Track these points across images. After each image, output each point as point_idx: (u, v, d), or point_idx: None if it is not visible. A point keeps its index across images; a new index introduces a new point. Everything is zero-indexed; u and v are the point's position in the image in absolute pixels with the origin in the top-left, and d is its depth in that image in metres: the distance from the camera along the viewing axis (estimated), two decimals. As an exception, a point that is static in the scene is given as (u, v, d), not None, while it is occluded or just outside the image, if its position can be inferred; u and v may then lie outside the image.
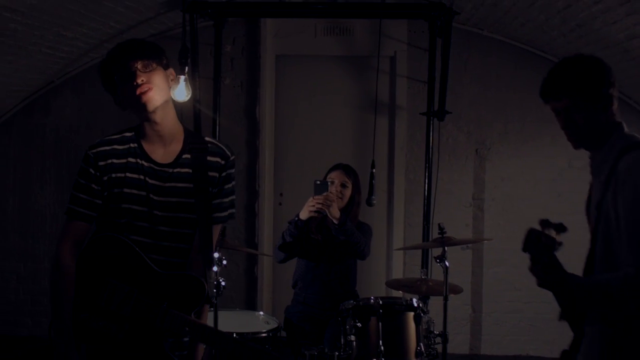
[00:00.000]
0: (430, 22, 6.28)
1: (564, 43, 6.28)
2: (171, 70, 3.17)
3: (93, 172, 3.09)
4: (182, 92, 3.16)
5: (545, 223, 3.19)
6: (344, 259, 5.29)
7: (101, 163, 3.09)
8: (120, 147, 3.13)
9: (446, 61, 6.31)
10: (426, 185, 6.51)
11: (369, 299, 4.53)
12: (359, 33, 7.13)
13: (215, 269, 4.46)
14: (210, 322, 4.54)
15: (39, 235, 7.30)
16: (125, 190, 3.08)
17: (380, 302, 4.44)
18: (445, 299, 4.67)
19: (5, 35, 5.46)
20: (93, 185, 3.09)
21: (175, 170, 3.13)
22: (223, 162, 3.22)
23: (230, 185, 3.29)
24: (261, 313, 5.29)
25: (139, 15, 6.21)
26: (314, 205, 5.02)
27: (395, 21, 6.88)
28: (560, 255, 6.61)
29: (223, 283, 4.51)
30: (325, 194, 5.01)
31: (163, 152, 3.15)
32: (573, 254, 6.77)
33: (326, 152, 7.03)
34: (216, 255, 4.48)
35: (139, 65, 3.01)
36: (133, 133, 3.18)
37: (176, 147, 3.17)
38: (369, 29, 7.09)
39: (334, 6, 6.51)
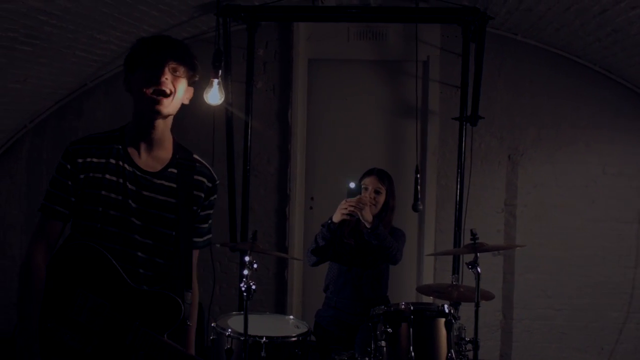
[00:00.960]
0: (464, 26, 6.24)
1: (599, 48, 6.22)
2: (191, 90, 3.08)
3: (70, 168, 2.97)
4: (215, 95, 3.14)
5: None
6: (376, 263, 5.27)
7: (79, 160, 2.97)
8: (103, 146, 3.01)
9: (480, 66, 6.28)
10: (458, 191, 6.47)
11: (400, 304, 4.50)
12: (391, 37, 7.11)
13: (246, 272, 4.47)
14: (239, 325, 4.56)
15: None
16: (103, 192, 2.95)
17: (412, 308, 4.42)
18: (477, 306, 4.62)
19: (40, 38, 5.49)
20: (69, 182, 2.97)
21: (159, 181, 3.03)
22: (210, 185, 3.16)
23: (211, 211, 3.24)
24: (291, 317, 5.28)
25: (173, 19, 6.22)
26: (346, 208, 5.01)
27: (428, 26, 6.86)
28: (597, 263, 6.55)
29: (253, 287, 4.50)
30: (358, 197, 4.99)
31: (147, 158, 3.04)
32: (607, 261, 6.77)
33: (358, 157, 7.01)
34: (247, 259, 4.49)
35: (172, 64, 2.93)
36: (119, 133, 3.08)
37: (162, 156, 3.07)
38: (401, 34, 7.06)
39: (367, 10, 6.50)
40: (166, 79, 2.90)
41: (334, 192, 6.42)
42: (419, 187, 5.45)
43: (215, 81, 3.13)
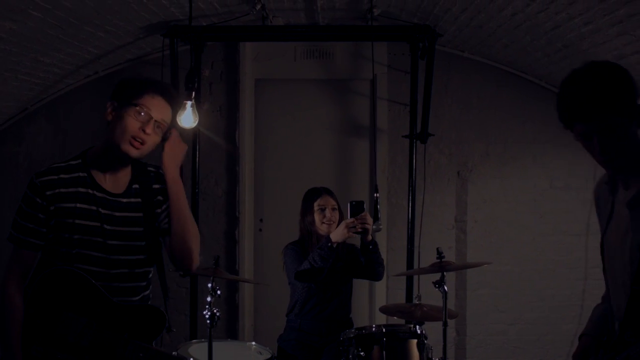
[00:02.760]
0: (413, 44, 6.26)
1: (547, 64, 6.29)
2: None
3: (40, 201, 3.05)
4: (189, 118, 3.09)
5: None
6: (349, 285, 5.26)
7: (48, 192, 3.05)
8: (67, 176, 3.10)
9: (429, 83, 6.28)
10: (410, 209, 6.46)
11: (371, 327, 4.45)
12: (338, 56, 7.07)
13: (209, 298, 4.37)
14: (202, 354, 4.44)
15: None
16: (77, 221, 3.05)
17: (384, 330, 4.36)
18: (445, 325, 4.60)
19: (-18, 62, 5.34)
20: (39, 215, 3.06)
21: (127, 200, 3.16)
22: (165, 187, 3.28)
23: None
24: (253, 343, 5.14)
25: (118, 40, 6.09)
26: (355, 227, 4.86)
27: (375, 44, 6.81)
28: (547, 277, 6.60)
29: (218, 313, 4.40)
30: (363, 214, 4.89)
31: (113, 181, 3.16)
32: (557, 274, 6.82)
33: (307, 177, 6.92)
34: (210, 285, 4.39)
35: (161, 117, 3.07)
36: (80, 161, 3.16)
37: (124, 176, 3.20)
38: (348, 52, 7.04)
39: (315, 29, 6.45)
40: (148, 134, 3.04)
41: (283, 213, 6.38)
42: (378, 206, 5.42)
43: (189, 103, 3.06)
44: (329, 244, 4.88)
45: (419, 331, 4.42)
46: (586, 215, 7.00)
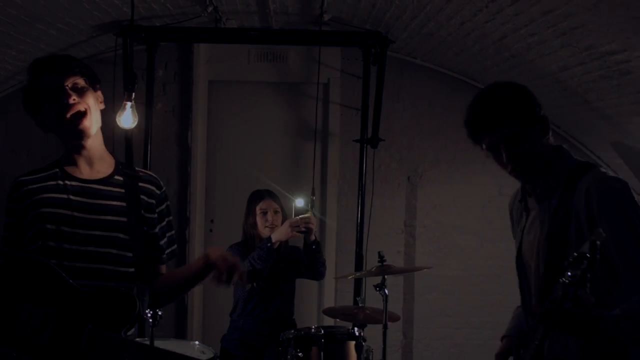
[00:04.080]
0: (365, 50, 6.32)
1: (496, 73, 6.36)
2: (99, 94, 3.02)
3: (13, 206, 2.94)
4: (128, 118, 3.07)
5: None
6: (291, 285, 5.32)
7: (15, 195, 2.93)
8: (39, 175, 2.97)
9: (380, 89, 6.35)
10: (359, 212, 6.52)
11: (310, 328, 4.51)
12: (292, 60, 7.12)
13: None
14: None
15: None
16: (43, 209, 2.87)
17: (322, 332, 4.42)
18: (385, 327, 4.66)
19: None
20: (17, 221, 2.92)
21: (106, 188, 2.96)
22: (158, 192, 3.11)
23: (167, 220, 3.18)
24: (197, 343, 5.18)
25: (71, 38, 6.08)
26: (299, 226, 4.97)
27: (329, 49, 6.86)
28: (494, 282, 6.69)
29: (160, 312, 4.43)
30: (307, 214, 5.00)
31: (89, 171, 2.97)
32: (504, 280, 6.89)
33: (259, 179, 6.95)
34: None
35: (69, 83, 2.86)
36: (55, 162, 3.03)
37: (104, 166, 3.01)
38: (302, 56, 7.08)
39: (269, 33, 6.49)
40: (74, 99, 2.84)
41: (234, 214, 6.36)
42: (313, 209, 5.48)
43: (129, 104, 3.06)
44: (269, 245, 4.97)
45: (357, 333, 4.47)
46: (533, 222, 7.09)
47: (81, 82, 2.90)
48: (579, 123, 6.72)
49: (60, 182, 2.92)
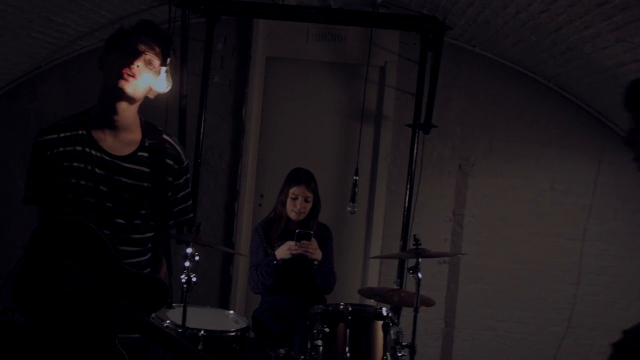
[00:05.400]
0: (422, 35, 6.30)
1: (553, 65, 6.29)
2: (160, 78, 3.14)
3: (41, 161, 3.05)
4: (162, 83, 3.12)
5: None
6: (308, 275, 5.41)
7: (47, 152, 3.03)
8: (67, 134, 3.05)
9: (435, 75, 6.32)
10: (407, 197, 6.51)
11: (338, 304, 4.51)
12: (350, 41, 7.12)
13: (187, 264, 4.45)
14: (179, 317, 4.52)
15: (17, 220, 7.24)
16: (72, 180, 2.99)
17: (350, 309, 4.42)
18: (416, 311, 4.62)
19: (-6, 16, 5.44)
20: (43, 173, 3.05)
21: (129, 165, 3.05)
22: (176, 167, 3.19)
23: (183, 192, 3.28)
24: (231, 312, 5.24)
25: (132, 7, 6.18)
26: (296, 250, 5.14)
27: (387, 32, 6.86)
28: (540, 277, 6.61)
29: (194, 279, 4.48)
30: (306, 242, 5.14)
31: (113, 142, 3.07)
32: (550, 276, 6.82)
33: (309, 157, 7.02)
34: (189, 250, 4.47)
35: (149, 54, 3.02)
36: (83, 117, 3.10)
37: (130, 139, 3.10)
38: (360, 37, 7.07)
39: (327, 12, 6.50)
40: (138, 66, 2.99)
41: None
42: (356, 189, 5.50)
43: (163, 69, 3.12)
44: (274, 262, 5.20)
45: (384, 313, 4.47)
46: (584, 220, 7.01)
47: (156, 63, 3.08)
48: (638, 123, 6.58)
49: (87, 150, 3.03)
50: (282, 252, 5.18)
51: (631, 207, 6.99)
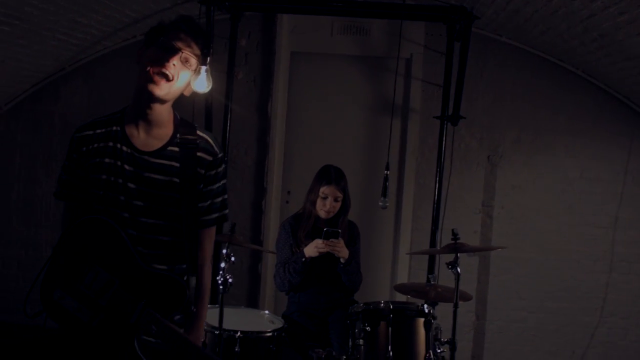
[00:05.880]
0: (449, 25, 6.24)
1: (583, 53, 6.21)
2: (198, 79, 3.12)
3: (76, 156, 3.02)
4: (202, 83, 3.06)
5: None
6: (334, 273, 5.38)
7: (84, 148, 3.00)
8: (103, 130, 3.02)
9: (463, 66, 6.26)
10: (436, 190, 6.47)
11: (379, 302, 4.47)
12: (375, 33, 7.06)
13: (223, 264, 4.43)
14: (214, 319, 4.49)
15: (42, 223, 7.22)
16: (104, 176, 2.96)
17: (391, 307, 4.39)
18: (456, 307, 4.58)
19: (20, 19, 5.39)
20: (78, 170, 3.01)
21: (158, 160, 2.99)
22: (210, 159, 3.09)
23: (218, 185, 3.15)
24: (266, 312, 5.23)
25: (156, 5, 6.14)
26: (323, 248, 5.14)
27: (412, 23, 6.79)
28: (571, 267, 6.56)
29: (230, 280, 4.47)
30: (334, 240, 5.13)
31: (145, 137, 3.01)
32: (582, 265, 6.78)
33: (336, 152, 6.98)
34: (224, 251, 4.45)
35: (186, 52, 2.96)
36: (119, 114, 3.07)
37: (162, 134, 3.03)
38: (385, 30, 7.01)
39: (353, 5, 6.43)
40: (174, 65, 2.92)
41: (311, 187, 6.37)
42: (387, 183, 5.45)
43: (204, 68, 3.06)
44: (303, 260, 5.19)
45: (426, 310, 4.43)
46: (615, 208, 6.95)
47: (193, 61, 3.01)
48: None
49: (118, 146, 2.98)
50: (310, 250, 5.17)
51: (663, 193, 6.94)
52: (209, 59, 3.14)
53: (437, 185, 6.47)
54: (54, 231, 7.10)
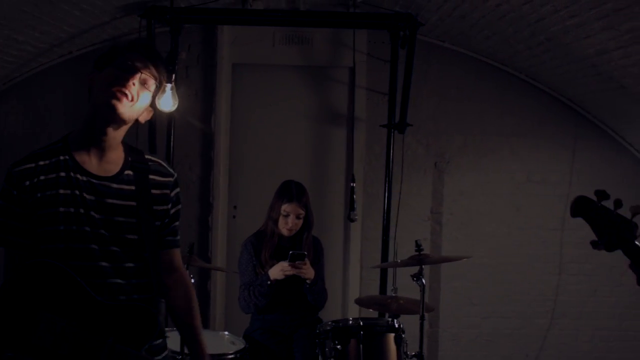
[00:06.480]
0: (394, 33, 6.17)
1: (528, 56, 6.25)
2: (151, 111, 3.00)
3: (16, 193, 2.72)
4: (168, 101, 2.94)
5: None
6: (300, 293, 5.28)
7: (27, 182, 2.73)
8: (48, 161, 2.77)
9: (409, 73, 6.21)
10: (385, 199, 6.41)
11: (348, 320, 4.40)
12: (318, 43, 6.97)
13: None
14: (173, 343, 4.32)
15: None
16: (61, 209, 2.71)
17: (361, 324, 4.30)
18: (422, 318, 4.57)
19: (-47, 38, 5.19)
20: (17, 209, 2.72)
21: (118, 185, 2.83)
22: (172, 180, 3.02)
23: (179, 207, 3.08)
24: (226, 333, 5.09)
25: (94, 20, 5.94)
26: (289, 271, 5.00)
27: (355, 32, 6.72)
28: (522, 270, 6.55)
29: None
30: (300, 262, 5.00)
31: (98, 163, 2.83)
32: (532, 268, 6.80)
33: (283, 164, 6.87)
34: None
35: (145, 72, 2.82)
36: (61, 144, 2.84)
37: (114, 159, 2.88)
38: (328, 39, 6.93)
39: (296, 14, 6.34)
40: (134, 84, 2.76)
41: (258, 201, 6.26)
42: (354, 196, 5.38)
43: (169, 86, 2.93)
44: (268, 282, 5.05)
45: (396, 325, 4.36)
46: (562, 210, 6.98)
47: (152, 83, 2.88)
48: (612, 109, 6.59)
49: (72, 175, 2.77)
50: (275, 272, 5.04)
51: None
52: (174, 75, 3.00)
53: (386, 193, 6.42)
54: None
